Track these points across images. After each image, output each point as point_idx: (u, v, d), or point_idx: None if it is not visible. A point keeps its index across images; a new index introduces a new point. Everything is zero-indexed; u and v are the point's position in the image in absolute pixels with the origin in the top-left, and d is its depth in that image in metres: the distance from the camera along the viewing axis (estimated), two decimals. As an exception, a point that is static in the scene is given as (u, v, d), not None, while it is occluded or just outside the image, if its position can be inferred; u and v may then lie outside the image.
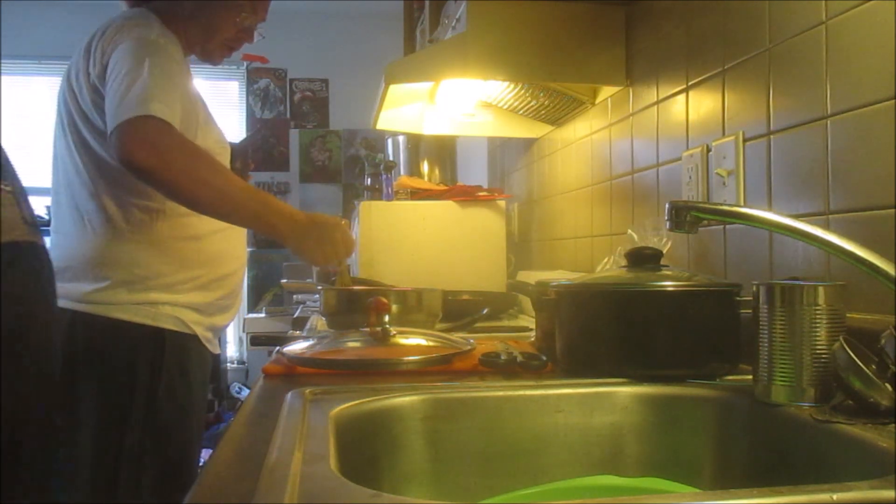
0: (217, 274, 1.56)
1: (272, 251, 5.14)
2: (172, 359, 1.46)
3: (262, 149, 5.13)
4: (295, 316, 3.91)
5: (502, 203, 2.38)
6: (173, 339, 1.47)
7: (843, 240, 0.73)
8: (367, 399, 0.85)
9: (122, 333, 1.42)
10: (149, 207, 1.47)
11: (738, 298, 0.97)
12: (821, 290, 0.77)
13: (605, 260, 1.55)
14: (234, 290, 1.62)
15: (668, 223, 0.88)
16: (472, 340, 1.20)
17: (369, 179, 2.59)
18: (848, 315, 0.78)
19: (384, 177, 2.48)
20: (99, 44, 1.43)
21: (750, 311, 0.83)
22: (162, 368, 1.43)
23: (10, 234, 0.89)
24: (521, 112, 2.07)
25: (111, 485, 1.36)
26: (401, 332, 1.20)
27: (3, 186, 0.88)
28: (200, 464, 1.67)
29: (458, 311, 1.75)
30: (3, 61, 4.44)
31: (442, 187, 2.53)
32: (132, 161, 1.28)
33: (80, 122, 1.47)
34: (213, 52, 1.61)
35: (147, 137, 1.29)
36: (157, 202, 1.48)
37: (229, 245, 1.59)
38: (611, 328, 0.99)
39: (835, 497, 0.50)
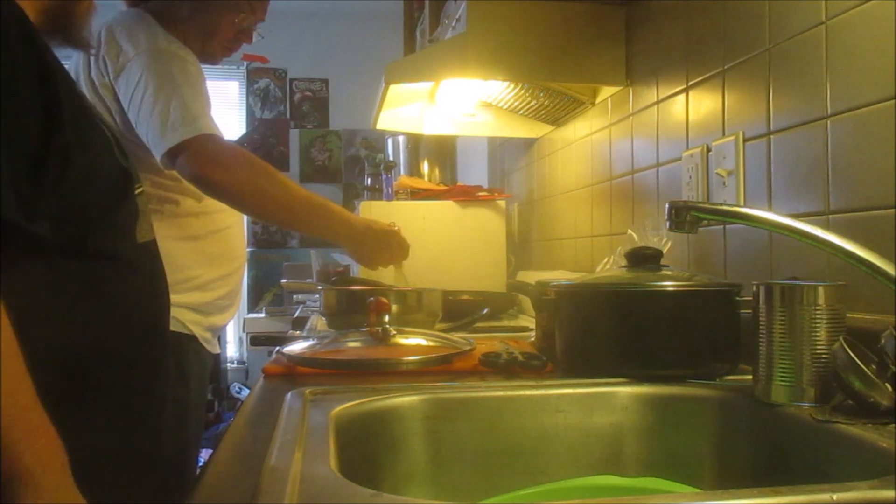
0: (215, 274, 1.55)
1: (272, 251, 5.15)
2: (171, 360, 1.45)
3: (261, 148, 5.13)
4: (295, 316, 3.92)
5: (502, 203, 2.38)
6: (170, 340, 1.46)
7: (843, 240, 0.73)
8: (367, 399, 0.85)
9: None
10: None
11: (738, 298, 0.97)
12: (821, 290, 0.77)
13: (605, 260, 1.55)
14: (233, 290, 1.62)
15: (668, 223, 0.88)
16: (472, 340, 1.20)
17: (369, 179, 2.58)
18: (848, 315, 0.78)
19: (384, 177, 2.48)
20: (101, 51, 1.43)
21: (750, 311, 0.83)
22: None
23: (153, 231, 0.92)
24: (521, 112, 2.07)
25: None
26: (401, 332, 1.20)
27: (142, 189, 0.92)
28: (200, 464, 1.67)
29: (458, 311, 1.75)
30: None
31: (442, 187, 2.53)
32: (204, 179, 1.38)
33: None
34: (212, 52, 1.60)
35: (211, 156, 1.38)
36: (153, 203, 1.48)
37: (228, 245, 1.59)
38: (611, 328, 0.99)
39: (835, 497, 0.50)
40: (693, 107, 1.34)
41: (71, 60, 1.51)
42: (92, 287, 0.81)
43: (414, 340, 1.20)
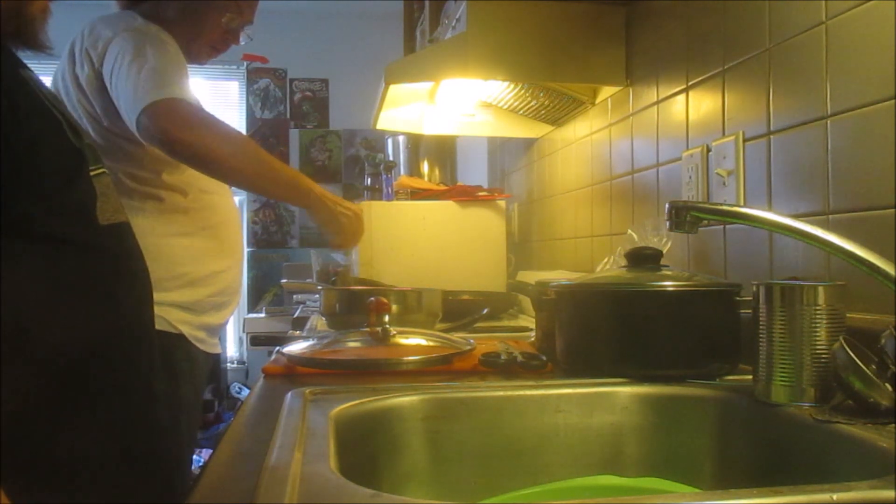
0: (206, 271, 1.54)
1: (272, 251, 5.15)
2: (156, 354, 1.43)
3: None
4: (295, 316, 3.91)
5: (502, 203, 2.38)
6: (158, 340, 1.45)
7: (843, 240, 0.73)
8: (367, 399, 0.85)
9: None
10: (131, 206, 1.47)
11: (738, 298, 0.97)
12: (821, 290, 0.77)
13: (605, 260, 1.55)
14: (227, 287, 1.60)
15: (668, 223, 0.88)
16: (472, 340, 1.20)
17: (369, 179, 2.58)
18: (848, 315, 0.78)
19: (384, 177, 2.48)
20: (84, 46, 1.44)
21: (750, 311, 0.83)
22: None
23: (123, 214, 0.91)
24: (521, 112, 2.07)
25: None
26: (401, 332, 1.20)
27: (107, 171, 0.90)
28: (199, 464, 1.67)
29: (458, 311, 1.75)
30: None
31: (442, 187, 2.53)
32: (167, 139, 1.33)
33: None
34: (198, 53, 1.60)
35: (176, 115, 1.34)
36: (137, 200, 1.48)
37: (219, 241, 1.58)
38: (611, 328, 0.99)
39: (835, 497, 0.50)
40: (693, 107, 1.34)
41: (58, 63, 1.52)
42: (47, 271, 0.79)
43: (414, 340, 1.20)
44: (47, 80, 1.52)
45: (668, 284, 0.98)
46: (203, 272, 1.53)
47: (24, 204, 0.77)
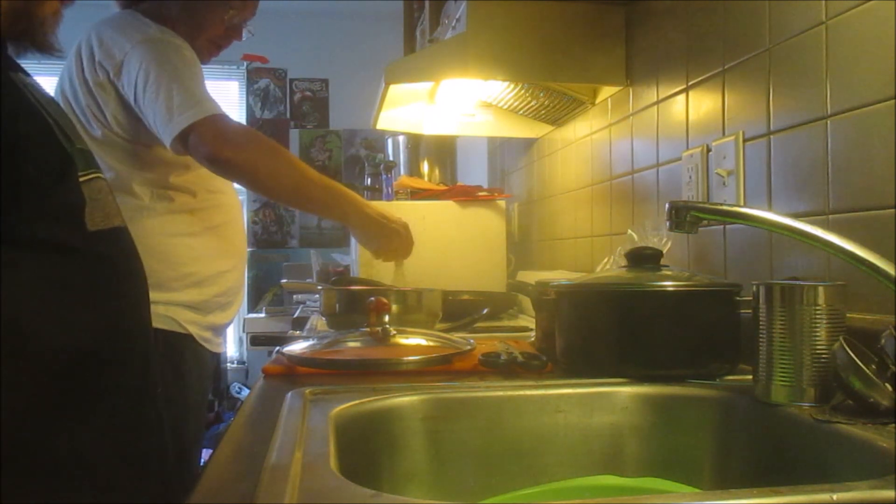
0: (213, 270, 1.55)
1: (272, 251, 5.15)
2: (165, 360, 1.44)
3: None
4: (295, 316, 3.91)
5: (502, 203, 2.38)
6: (166, 340, 1.45)
7: (843, 240, 0.73)
8: (367, 399, 0.85)
9: None
10: (138, 206, 1.47)
11: (738, 298, 0.97)
12: (821, 290, 0.77)
13: (605, 260, 1.55)
14: (232, 287, 1.61)
15: (668, 223, 0.88)
16: (472, 340, 1.20)
17: (369, 179, 2.59)
18: (848, 315, 0.78)
19: (384, 177, 2.48)
20: (96, 56, 1.43)
21: (750, 311, 0.83)
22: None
23: (119, 218, 0.91)
24: (521, 112, 2.07)
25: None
26: (401, 332, 1.20)
27: (101, 176, 0.90)
28: (201, 464, 1.67)
29: (458, 311, 1.75)
30: (3, 61, 4.44)
31: (442, 187, 2.53)
32: (217, 159, 1.39)
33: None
34: (200, 50, 1.60)
35: (222, 135, 1.39)
36: (145, 200, 1.48)
37: (225, 241, 1.59)
38: (611, 328, 1.00)
39: (835, 497, 0.50)
40: (693, 107, 1.34)
41: (63, 65, 1.52)
42: (34, 274, 0.79)
43: (414, 340, 1.20)
44: (50, 81, 1.53)
45: (668, 284, 0.98)
46: (209, 272, 1.54)
47: (4, 207, 0.76)
